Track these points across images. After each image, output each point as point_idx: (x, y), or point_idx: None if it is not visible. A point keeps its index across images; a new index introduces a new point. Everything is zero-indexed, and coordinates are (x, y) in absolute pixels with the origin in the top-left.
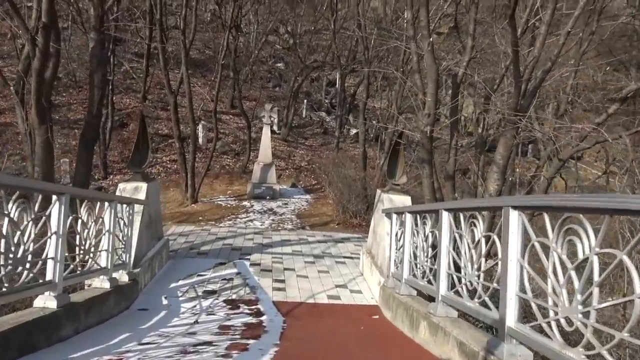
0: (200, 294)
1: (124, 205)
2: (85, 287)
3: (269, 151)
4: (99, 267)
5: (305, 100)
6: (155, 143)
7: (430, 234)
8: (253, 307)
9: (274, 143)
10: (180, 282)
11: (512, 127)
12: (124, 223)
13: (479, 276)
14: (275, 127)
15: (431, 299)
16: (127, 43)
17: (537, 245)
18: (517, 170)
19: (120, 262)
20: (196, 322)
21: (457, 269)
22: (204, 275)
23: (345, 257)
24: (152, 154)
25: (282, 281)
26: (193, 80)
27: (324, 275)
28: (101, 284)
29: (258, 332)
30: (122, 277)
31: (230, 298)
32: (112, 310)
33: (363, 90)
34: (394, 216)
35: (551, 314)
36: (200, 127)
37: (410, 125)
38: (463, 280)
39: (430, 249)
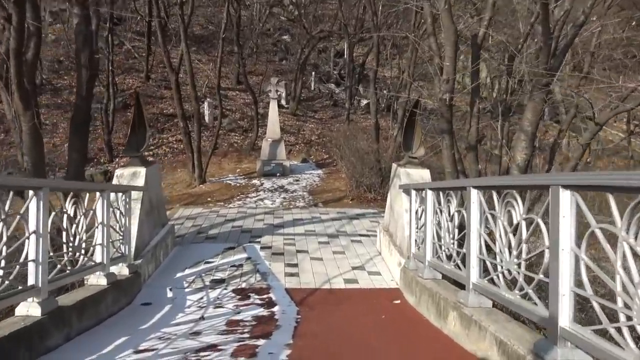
0: (207, 283)
1: (120, 194)
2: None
3: (277, 126)
4: (93, 264)
5: (313, 73)
6: (160, 123)
7: (456, 214)
8: (264, 296)
9: (282, 118)
10: (187, 271)
11: (541, 90)
12: (121, 213)
13: (519, 264)
14: (283, 102)
15: (458, 284)
16: (128, 22)
17: (598, 232)
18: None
19: (119, 254)
20: (202, 318)
21: (491, 253)
22: (212, 262)
23: (361, 235)
24: (150, 136)
25: (295, 265)
26: (196, 57)
27: (340, 257)
28: (97, 280)
29: (269, 328)
30: (122, 270)
31: (239, 287)
32: (111, 308)
33: (373, 59)
34: (413, 192)
35: (622, 317)
36: (205, 105)
37: (426, 93)
38: (499, 268)
39: (456, 230)
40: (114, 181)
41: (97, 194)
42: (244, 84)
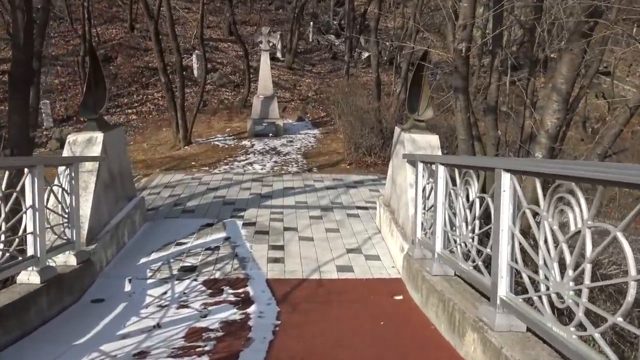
0: (175, 272)
1: (62, 168)
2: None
3: (270, 82)
4: (18, 259)
5: (311, 23)
6: (145, 78)
7: (477, 201)
8: (240, 290)
9: (277, 72)
10: (153, 256)
11: (581, 40)
12: (64, 190)
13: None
14: (279, 54)
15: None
16: None
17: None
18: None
19: (63, 241)
20: (158, 325)
21: (526, 261)
22: (185, 243)
23: (358, 207)
24: (109, 94)
25: (281, 248)
26: (184, 4)
27: (333, 236)
28: (28, 278)
29: (237, 345)
30: (70, 260)
31: (212, 277)
32: (47, 313)
33: (375, 8)
34: (421, 165)
35: (542, 287)
36: (194, 58)
37: (437, 44)
38: (543, 287)
39: (477, 223)
40: (65, 149)
41: (26, 170)
42: (234, 34)
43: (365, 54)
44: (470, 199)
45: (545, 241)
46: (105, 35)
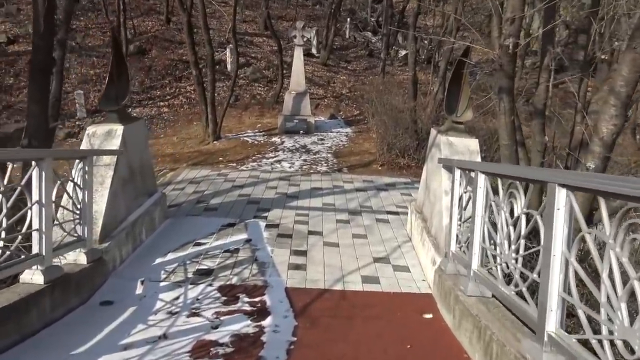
0: (190, 275)
1: (77, 161)
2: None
3: (302, 78)
4: (21, 257)
5: (348, 19)
6: (179, 70)
7: (523, 217)
8: (257, 298)
9: (311, 68)
10: (170, 256)
11: None
12: (76, 185)
13: None
14: (314, 50)
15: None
16: None
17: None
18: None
19: (73, 238)
20: (164, 336)
21: (582, 293)
22: (204, 244)
23: (388, 212)
24: (131, 86)
25: (304, 253)
26: None
27: (360, 242)
28: (32, 277)
29: None
30: (80, 258)
31: (228, 283)
32: (50, 315)
33: (414, 3)
34: (458, 171)
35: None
36: (228, 52)
37: (481, 41)
38: (607, 331)
39: (522, 242)
40: (84, 141)
41: (33, 163)
42: (269, 29)
43: (403, 52)
44: (515, 214)
45: (610, 275)
46: (141, 27)
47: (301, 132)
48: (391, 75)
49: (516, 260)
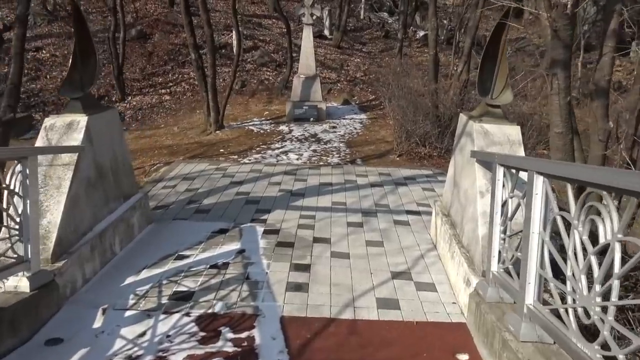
0: (164, 301)
1: (16, 163)
2: None
3: (312, 60)
4: None
5: None
6: (182, 56)
7: (617, 247)
8: (244, 334)
9: (324, 50)
10: (144, 274)
11: None
12: (15, 193)
13: None
14: (326, 32)
15: None
16: None
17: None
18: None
19: (12, 259)
20: None
21: None
22: (187, 257)
23: (408, 211)
24: (99, 68)
25: (307, 268)
26: None
27: (375, 252)
28: None
29: None
30: (21, 284)
31: (210, 311)
32: None
33: None
34: (500, 169)
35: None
36: (233, 34)
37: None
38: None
39: (616, 283)
40: (40, 137)
41: None
42: (275, 6)
43: (421, 33)
44: (602, 239)
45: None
46: (143, 11)
47: (311, 119)
48: (409, 57)
49: (605, 310)
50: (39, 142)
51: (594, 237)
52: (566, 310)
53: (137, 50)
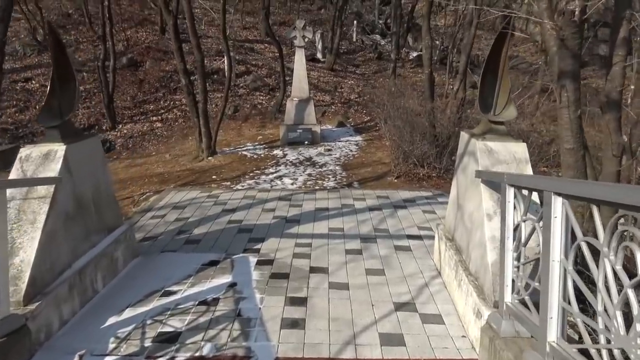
0: (148, 344)
1: None
2: None
3: (305, 82)
4: None
5: (355, 22)
6: (174, 82)
7: None
8: None
9: (317, 73)
10: (127, 314)
11: None
12: None
13: None
14: (319, 55)
15: None
16: None
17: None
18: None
19: None
20: None
21: None
22: (174, 292)
23: (409, 235)
24: (79, 94)
25: (303, 302)
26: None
27: (376, 281)
28: None
29: None
30: None
31: (198, 354)
32: None
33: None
34: (510, 190)
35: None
36: (226, 59)
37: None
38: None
39: None
40: (14, 168)
41: None
42: (266, 31)
43: (414, 54)
44: None
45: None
46: (135, 38)
47: (306, 142)
48: (403, 77)
49: None
50: (13, 175)
51: (627, 266)
52: (598, 351)
53: (128, 78)
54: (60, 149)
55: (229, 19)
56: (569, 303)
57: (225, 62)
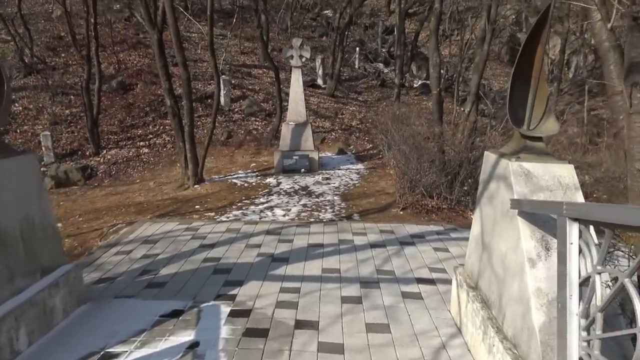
0: None
1: None
2: None
3: (302, 105)
4: None
5: (357, 49)
6: (165, 106)
7: None
8: None
9: (317, 99)
10: None
11: None
12: None
13: None
14: (319, 81)
15: None
16: None
17: None
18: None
19: None
20: None
21: None
22: (115, 357)
23: (419, 279)
24: (8, 107)
25: None
26: (218, 31)
27: (379, 341)
28: None
29: None
30: None
31: None
32: None
33: (426, 36)
34: (573, 226)
35: None
36: (221, 83)
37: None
38: None
39: None
40: None
41: None
42: (262, 53)
43: (418, 82)
44: None
45: None
46: (127, 61)
47: (302, 170)
48: (407, 105)
49: None
50: None
51: None
52: None
53: (117, 102)
54: None
55: (226, 43)
56: None
57: (215, 80)
